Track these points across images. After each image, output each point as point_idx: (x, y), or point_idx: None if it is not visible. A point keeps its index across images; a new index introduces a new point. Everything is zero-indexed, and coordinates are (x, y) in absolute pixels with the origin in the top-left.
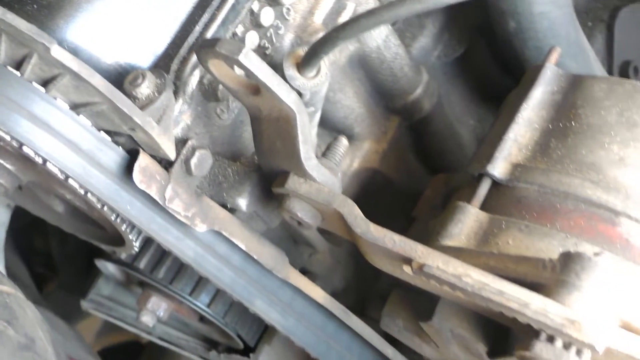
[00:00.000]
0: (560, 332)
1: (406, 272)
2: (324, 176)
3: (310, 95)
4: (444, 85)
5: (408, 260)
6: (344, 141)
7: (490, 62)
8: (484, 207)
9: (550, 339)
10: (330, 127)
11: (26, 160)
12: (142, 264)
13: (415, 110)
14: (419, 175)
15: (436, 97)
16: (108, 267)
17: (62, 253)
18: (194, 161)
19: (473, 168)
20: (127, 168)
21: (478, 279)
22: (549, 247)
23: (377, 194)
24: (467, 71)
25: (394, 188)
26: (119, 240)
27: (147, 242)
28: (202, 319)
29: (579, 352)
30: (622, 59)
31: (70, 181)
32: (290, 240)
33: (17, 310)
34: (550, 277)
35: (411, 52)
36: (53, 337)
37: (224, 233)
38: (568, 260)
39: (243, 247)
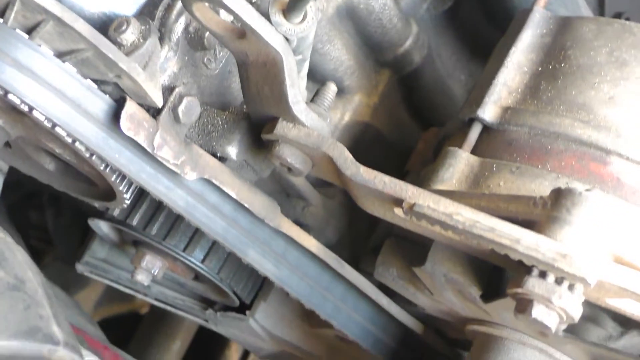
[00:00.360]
0: (552, 267)
1: (397, 215)
2: (313, 120)
3: (297, 41)
4: (434, 38)
5: (399, 202)
6: (332, 87)
7: (480, 15)
8: (474, 151)
9: (542, 275)
10: (320, 80)
11: (13, 112)
12: (135, 220)
13: (405, 63)
14: (411, 130)
15: (426, 50)
16: (102, 227)
17: (58, 225)
18: (181, 108)
19: (463, 113)
20: (115, 116)
21: (469, 216)
22: (541, 187)
23: (369, 149)
24: (457, 24)
25: (386, 142)
26: (110, 194)
27: (140, 198)
28: (197, 277)
29: (571, 287)
30: (614, 10)
31: (58, 130)
32: (283, 193)
33: (6, 252)
34: (542, 214)
35: (400, 4)
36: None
37: (215, 181)
38: (559, 196)
39: (234, 195)
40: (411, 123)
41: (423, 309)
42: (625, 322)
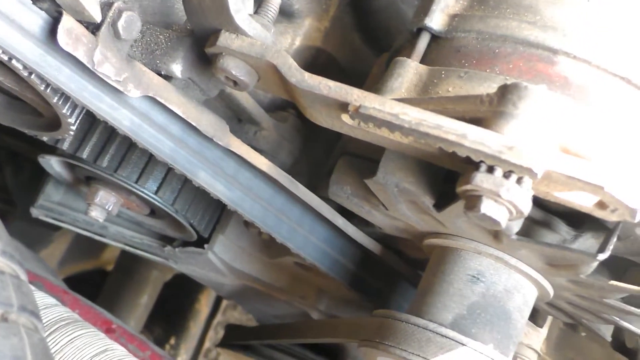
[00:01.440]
0: (498, 160)
1: (345, 123)
2: (256, 30)
3: None
4: None
5: (345, 107)
6: None
7: None
8: (423, 61)
9: (490, 170)
10: None
11: None
12: (85, 153)
13: None
14: (364, 55)
15: None
16: (53, 165)
17: (17, 183)
18: (121, 23)
19: (411, 24)
20: (51, 32)
21: (415, 115)
22: (489, 90)
23: (322, 74)
24: None
25: (339, 68)
26: (55, 123)
27: (89, 131)
28: (153, 212)
29: (519, 180)
30: None
31: None
32: (234, 119)
33: None
34: (488, 110)
35: None
36: None
37: (159, 99)
38: (505, 91)
39: (180, 113)
40: (365, 49)
41: (380, 228)
42: (578, 225)
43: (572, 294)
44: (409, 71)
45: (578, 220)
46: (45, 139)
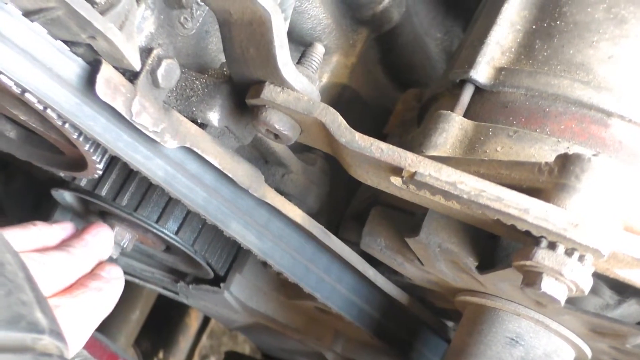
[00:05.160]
0: (563, 238)
1: (393, 184)
2: (303, 84)
3: None
4: None
5: (397, 170)
6: (319, 48)
7: None
8: (467, 115)
9: (552, 246)
10: (297, 41)
11: None
12: (104, 191)
13: (384, 21)
14: (387, 91)
15: (404, 7)
16: (65, 197)
17: (8, 192)
18: (160, 72)
19: (454, 74)
20: (89, 80)
21: (474, 185)
22: (540, 152)
23: (345, 111)
24: None
25: (362, 104)
26: (79, 164)
27: (108, 167)
28: (168, 248)
29: (581, 258)
30: None
31: (27, 96)
32: (260, 160)
33: None
34: (548, 181)
35: None
36: None
37: (196, 150)
38: (566, 162)
39: (217, 164)
40: (387, 84)
41: (409, 279)
42: (622, 291)
43: (611, 358)
44: (454, 126)
45: (622, 285)
46: (62, 174)
